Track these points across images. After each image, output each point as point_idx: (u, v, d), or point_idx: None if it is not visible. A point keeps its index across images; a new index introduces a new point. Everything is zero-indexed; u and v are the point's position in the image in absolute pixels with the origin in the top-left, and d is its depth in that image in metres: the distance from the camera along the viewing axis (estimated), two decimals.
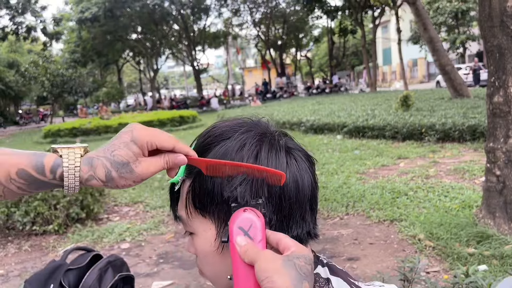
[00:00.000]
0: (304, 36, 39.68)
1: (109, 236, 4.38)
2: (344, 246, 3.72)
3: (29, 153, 0.57)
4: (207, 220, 0.63)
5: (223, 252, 0.64)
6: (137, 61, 39.03)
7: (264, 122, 0.67)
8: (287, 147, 0.64)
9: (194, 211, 0.64)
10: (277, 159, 0.61)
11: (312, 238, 0.67)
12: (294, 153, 0.64)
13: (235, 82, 45.65)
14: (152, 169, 0.59)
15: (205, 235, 0.64)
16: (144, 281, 3.38)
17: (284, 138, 0.66)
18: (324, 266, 0.68)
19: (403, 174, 5.81)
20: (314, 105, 16.63)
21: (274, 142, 0.63)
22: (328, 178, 5.88)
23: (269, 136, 0.64)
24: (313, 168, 0.67)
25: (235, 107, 25.62)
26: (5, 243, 4.46)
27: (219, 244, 0.63)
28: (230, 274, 0.62)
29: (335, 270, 0.68)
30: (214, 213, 0.62)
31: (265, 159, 0.61)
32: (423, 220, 3.96)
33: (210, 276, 0.69)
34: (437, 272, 3.08)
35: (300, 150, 0.66)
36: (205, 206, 0.63)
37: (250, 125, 0.65)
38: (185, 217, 0.65)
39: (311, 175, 0.64)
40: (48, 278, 1.65)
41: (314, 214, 0.66)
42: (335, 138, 9.54)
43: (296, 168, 0.62)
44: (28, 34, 28.44)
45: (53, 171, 0.56)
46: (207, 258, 0.66)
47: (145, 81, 44.65)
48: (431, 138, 7.80)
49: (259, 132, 0.64)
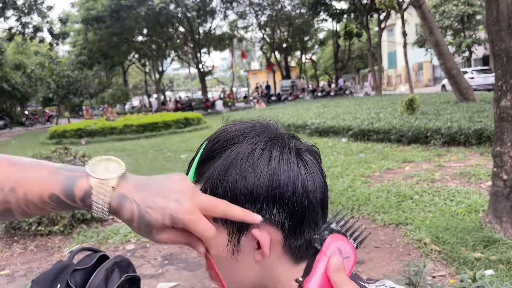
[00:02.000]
0: (309, 39, 39.75)
1: (114, 237, 4.39)
2: None
3: (60, 176, 0.56)
4: (218, 225, 0.63)
5: (238, 258, 0.63)
6: (142, 63, 39.21)
7: (273, 125, 0.67)
8: (297, 149, 0.63)
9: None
10: (289, 163, 0.61)
11: None
12: (304, 155, 0.63)
13: (239, 84, 45.71)
14: (168, 242, 0.58)
15: (216, 241, 0.64)
16: (149, 282, 3.39)
17: (294, 140, 0.65)
18: None
19: (409, 178, 5.79)
20: (319, 108, 16.63)
21: (285, 145, 0.62)
22: (333, 181, 5.87)
23: (279, 139, 0.63)
24: (322, 170, 0.67)
25: (240, 109, 25.64)
26: (11, 243, 4.48)
27: (233, 250, 0.63)
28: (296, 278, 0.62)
29: (353, 277, 0.68)
30: (225, 218, 0.62)
31: (277, 163, 0.60)
32: (428, 224, 3.94)
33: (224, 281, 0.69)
34: (443, 276, 3.07)
35: (310, 151, 0.65)
36: None
37: (260, 129, 0.64)
38: None
39: (321, 178, 0.64)
40: (55, 278, 1.66)
41: (326, 217, 0.66)
42: (340, 141, 9.53)
43: (307, 171, 0.62)
44: (34, 34, 28.62)
45: (82, 201, 0.55)
46: (219, 264, 0.66)
47: (150, 83, 44.79)
48: (436, 142, 7.77)
49: (269, 135, 0.63)
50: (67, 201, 0.55)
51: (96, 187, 0.55)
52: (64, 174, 0.56)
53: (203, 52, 35.32)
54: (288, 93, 31.57)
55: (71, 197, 0.55)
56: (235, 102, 33.30)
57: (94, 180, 0.55)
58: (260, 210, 0.60)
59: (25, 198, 0.55)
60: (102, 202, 0.54)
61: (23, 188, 0.55)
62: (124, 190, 0.56)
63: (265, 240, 0.60)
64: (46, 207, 0.56)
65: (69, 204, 0.56)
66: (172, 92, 65.23)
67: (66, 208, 0.57)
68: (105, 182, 0.55)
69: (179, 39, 35.30)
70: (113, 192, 0.55)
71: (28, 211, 0.57)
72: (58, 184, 0.55)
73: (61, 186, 0.55)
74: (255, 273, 0.65)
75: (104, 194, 0.55)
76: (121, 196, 0.55)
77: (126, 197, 0.55)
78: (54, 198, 0.55)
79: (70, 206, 0.56)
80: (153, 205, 0.55)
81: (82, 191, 0.55)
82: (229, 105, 30.47)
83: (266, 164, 0.60)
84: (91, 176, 0.55)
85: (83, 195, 0.55)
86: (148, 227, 0.56)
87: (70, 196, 0.55)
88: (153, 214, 0.55)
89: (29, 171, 0.56)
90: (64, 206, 0.56)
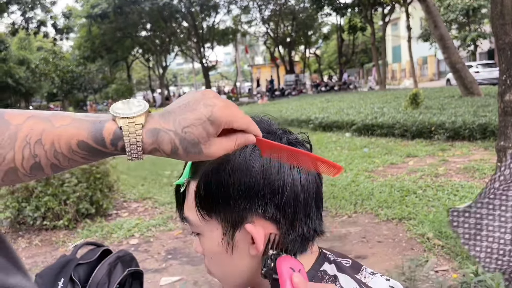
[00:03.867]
0: (313, 34, 39.58)
1: (118, 232, 4.41)
2: (352, 244, 3.71)
3: (86, 122, 0.52)
4: (213, 220, 0.64)
5: (232, 252, 0.64)
6: (146, 58, 39.21)
7: (266, 121, 0.67)
8: (290, 144, 0.64)
9: (200, 212, 0.64)
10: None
11: (318, 235, 0.67)
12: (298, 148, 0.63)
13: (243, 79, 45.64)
14: (222, 151, 0.54)
15: (211, 235, 0.65)
16: (153, 276, 3.41)
17: (286, 135, 0.66)
18: (331, 263, 0.68)
19: (412, 173, 5.78)
20: (323, 102, 16.59)
21: (277, 140, 0.63)
22: (337, 176, 5.86)
23: (272, 135, 0.64)
24: None
25: (243, 104, 25.63)
26: (16, 238, 4.52)
27: (227, 245, 0.64)
28: None
29: (342, 268, 0.68)
30: (219, 213, 0.63)
31: (269, 158, 0.61)
32: (432, 218, 3.94)
33: (219, 276, 0.70)
34: (446, 271, 3.06)
35: (302, 145, 0.66)
36: (211, 207, 0.63)
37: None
38: (192, 218, 0.66)
39: (315, 172, 0.64)
40: (58, 273, 1.67)
41: (320, 211, 0.66)
42: (344, 136, 9.51)
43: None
44: (38, 29, 28.71)
45: (114, 144, 0.52)
46: (214, 259, 0.67)
47: (154, 78, 44.85)
48: (440, 137, 7.74)
49: (262, 131, 0.63)
50: (97, 147, 0.52)
51: (125, 126, 0.51)
52: (89, 121, 0.52)
53: (206, 47, 35.31)
54: (292, 87, 31.51)
55: (101, 142, 0.51)
56: (238, 97, 33.27)
57: (122, 121, 0.51)
58: (252, 205, 0.61)
59: (53, 149, 0.51)
60: (134, 141, 0.51)
61: (49, 139, 0.51)
62: (153, 124, 0.52)
63: (258, 235, 0.61)
64: (75, 157, 0.52)
65: (100, 149, 0.52)
66: (176, 87, 65.24)
67: (97, 155, 0.53)
68: (132, 120, 0.51)
69: (183, 34, 35.28)
70: (143, 129, 0.52)
71: (58, 163, 0.53)
72: (86, 130, 0.51)
73: (89, 132, 0.51)
74: (250, 267, 0.66)
75: (136, 132, 0.51)
76: (153, 131, 0.52)
77: (159, 130, 0.52)
78: (83, 145, 0.51)
79: (100, 152, 0.52)
80: (188, 122, 0.52)
81: (112, 134, 0.51)
82: (232, 100, 30.48)
83: (258, 159, 0.60)
84: (117, 117, 0.52)
85: (113, 137, 0.51)
86: (196, 146, 0.52)
87: (99, 141, 0.51)
88: (194, 130, 0.52)
89: (53, 121, 0.52)
90: (94, 153, 0.52)
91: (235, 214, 0.62)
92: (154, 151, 0.53)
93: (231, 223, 0.63)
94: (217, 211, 0.63)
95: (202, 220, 0.64)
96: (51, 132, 0.51)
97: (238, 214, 0.62)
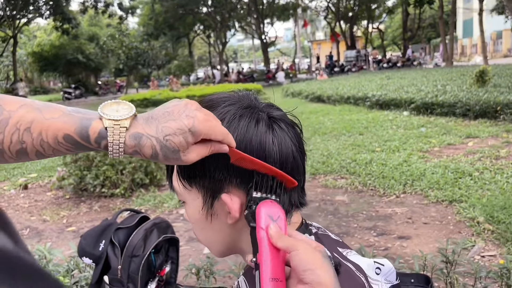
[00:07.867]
0: (377, 7, 37.89)
1: (169, 202, 4.63)
2: (397, 224, 3.64)
3: (74, 117, 0.56)
4: (194, 189, 0.68)
5: (211, 220, 0.68)
6: (207, 34, 39.66)
7: (249, 96, 0.69)
8: (269, 118, 0.65)
9: (181, 181, 0.68)
10: (256, 130, 0.63)
11: (298, 207, 0.69)
12: (275, 124, 0.65)
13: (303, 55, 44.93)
14: (197, 158, 0.59)
15: (194, 203, 0.69)
16: (197, 245, 3.56)
17: (269, 109, 0.67)
18: (311, 235, 0.69)
19: (470, 154, 5.50)
20: (383, 79, 16.03)
21: (255, 114, 0.65)
22: (389, 155, 5.72)
23: (251, 109, 0.66)
24: (299, 138, 0.68)
25: (301, 80, 25.35)
26: (78, 203, 4.89)
27: (206, 213, 0.68)
28: (249, 254, 0.64)
29: (322, 239, 0.70)
30: (199, 183, 0.66)
31: (244, 130, 0.63)
32: (485, 202, 3.76)
33: (204, 241, 0.74)
34: (493, 256, 2.94)
35: (283, 120, 0.67)
36: (190, 177, 0.67)
37: (235, 99, 0.67)
38: (176, 187, 0.70)
39: (293, 145, 0.66)
40: (100, 235, 1.81)
41: (300, 183, 0.68)
42: (402, 114, 9.18)
43: (274, 137, 0.64)
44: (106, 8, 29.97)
45: (97, 142, 0.56)
46: (197, 225, 0.71)
47: (214, 54, 45.36)
48: (506, 117, 7.26)
49: (242, 105, 0.66)
50: (82, 142, 0.56)
51: (111, 128, 0.55)
52: (78, 116, 0.56)
53: (266, 23, 35.02)
54: (352, 64, 30.61)
55: (86, 138, 0.56)
56: (297, 74, 32.89)
57: (108, 122, 0.55)
58: (228, 175, 0.64)
59: (39, 138, 0.55)
60: (117, 142, 0.55)
61: (38, 129, 0.55)
62: (137, 129, 0.56)
63: (233, 204, 0.64)
64: (60, 148, 0.57)
65: (84, 144, 0.56)
66: (236, 63, 65.68)
67: (80, 149, 0.57)
68: (118, 123, 0.55)
69: (243, 9, 35.21)
70: (127, 132, 0.56)
71: (42, 151, 0.57)
72: (73, 126, 0.55)
73: (76, 127, 0.55)
74: (230, 234, 0.69)
75: (120, 134, 0.55)
76: (136, 135, 0.56)
77: (142, 135, 0.56)
78: (68, 138, 0.56)
79: (84, 147, 0.57)
80: (170, 131, 0.56)
81: (97, 133, 0.55)
82: (290, 76, 30.19)
83: (233, 131, 0.62)
84: (104, 118, 0.56)
85: (98, 136, 0.56)
86: (175, 153, 0.57)
87: (84, 137, 0.56)
88: (175, 139, 0.56)
89: (44, 113, 0.56)
90: (78, 146, 0.57)
91: (212, 184, 0.65)
92: (135, 153, 0.57)
93: (210, 192, 0.66)
94: (196, 181, 0.66)
95: (184, 190, 0.69)
96: (41, 123, 0.55)
97: (215, 184, 0.65)
